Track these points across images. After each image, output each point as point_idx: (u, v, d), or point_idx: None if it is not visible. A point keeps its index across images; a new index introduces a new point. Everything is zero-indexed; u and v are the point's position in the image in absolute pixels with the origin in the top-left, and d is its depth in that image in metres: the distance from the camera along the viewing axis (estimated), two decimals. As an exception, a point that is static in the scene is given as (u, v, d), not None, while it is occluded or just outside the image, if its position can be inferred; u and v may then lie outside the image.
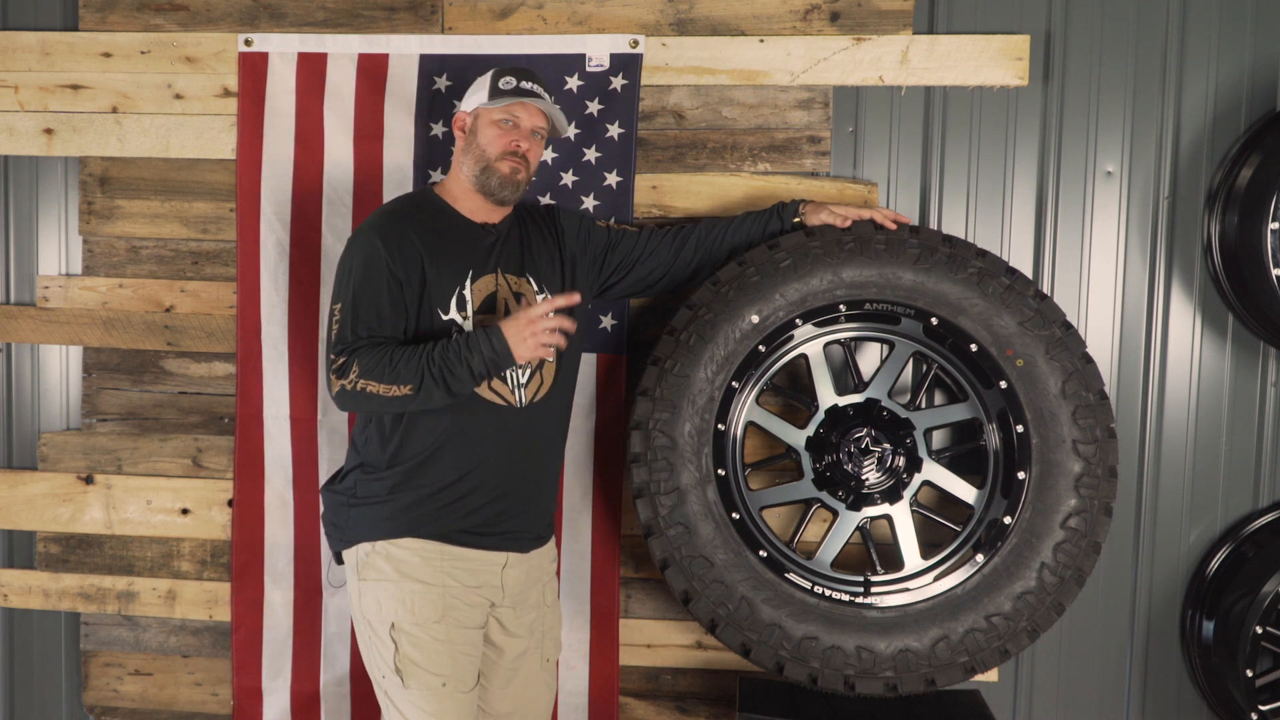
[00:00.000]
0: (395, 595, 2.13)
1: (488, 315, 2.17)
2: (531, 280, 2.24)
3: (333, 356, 2.09)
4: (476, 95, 2.23)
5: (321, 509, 2.31)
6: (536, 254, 2.27)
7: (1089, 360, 2.30)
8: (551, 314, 2.08)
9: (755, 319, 2.33)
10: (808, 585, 2.31)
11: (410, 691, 2.12)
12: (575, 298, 2.11)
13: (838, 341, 2.48)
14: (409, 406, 2.07)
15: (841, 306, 2.35)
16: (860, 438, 2.39)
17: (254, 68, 2.69)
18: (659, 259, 2.39)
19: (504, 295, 2.20)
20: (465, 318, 2.15)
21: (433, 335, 2.12)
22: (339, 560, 2.27)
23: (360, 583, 2.17)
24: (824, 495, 2.42)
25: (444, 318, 2.14)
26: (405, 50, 2.67)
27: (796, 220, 2.38)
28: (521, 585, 2.25)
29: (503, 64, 2.60)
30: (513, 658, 2.29)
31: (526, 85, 2.21)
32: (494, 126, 2.20)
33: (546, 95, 2.24)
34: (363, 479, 2.19)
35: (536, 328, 2.05)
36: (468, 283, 2.17)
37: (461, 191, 2.23)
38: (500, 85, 2.20)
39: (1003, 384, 2.31)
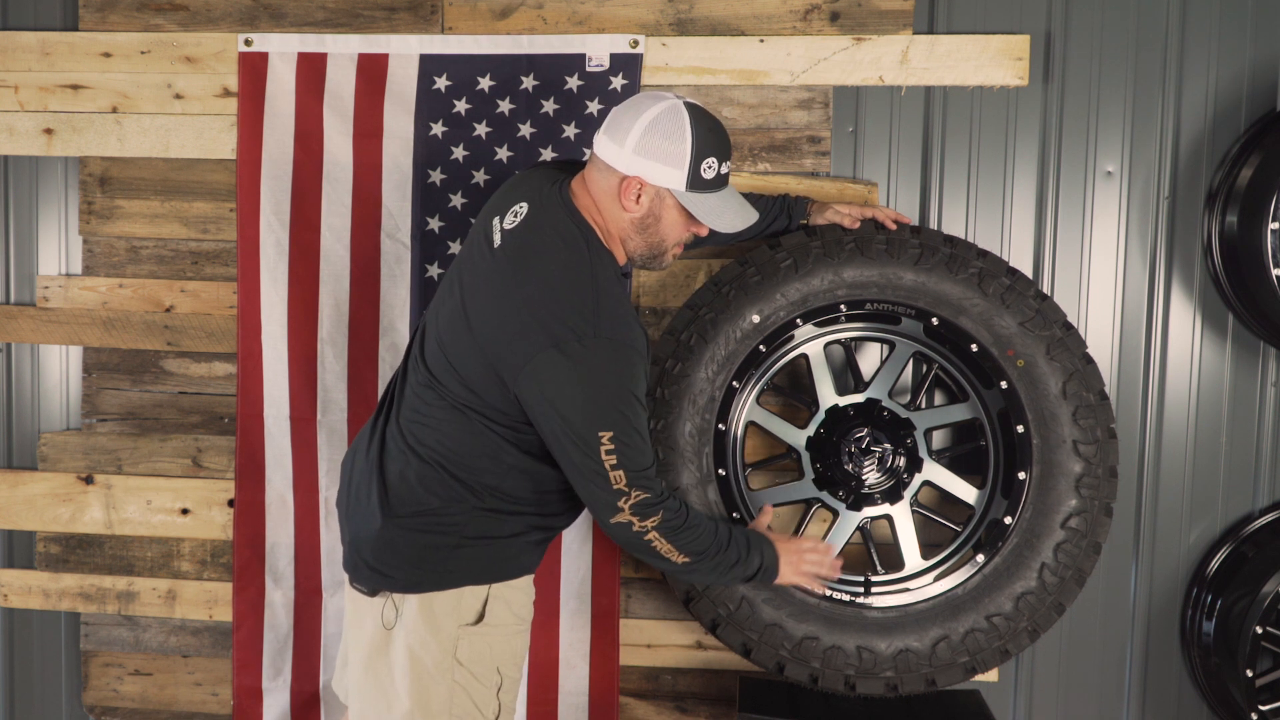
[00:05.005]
0: (504, 638, 2.02)
1: None
2: None
3: (634, 491, 1.86)
4: (668, 170, 1.88)
5: (378, 543, 1.99)
6: None
7: (1089, 360, 2.30)
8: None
9: (756, 319, 2.33)
10: (808, 585, 2.32)
11: None
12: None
13: (838, 341, 2.48)
14: (659, 566, 1.96)
15: (842, 306, 2.35)
16: (861, 438, 2.39)
17: (254, 68, 2.69)
18: None
19: None
20: None
21: None
22: (371, 592, 2.01)
23: (464, 627, 1.98)
24: (824, 495, 2.42)
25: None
26: (405, 50, 2.66)
27: (804, 223, 2.38)
28: None
29: (507, 66, 2.61)
30: None
31: (726, 170, 1.93)
32: (681, 214, 1.93)
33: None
34: (482, 516, 1.97)
35: (824, 570, 2.12)
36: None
37: (617, 246, 1.98)
38: (703, 172, 1.89)
39: (1003, 384, 2.31)
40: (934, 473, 2.43)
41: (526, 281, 1.88)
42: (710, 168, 1.89)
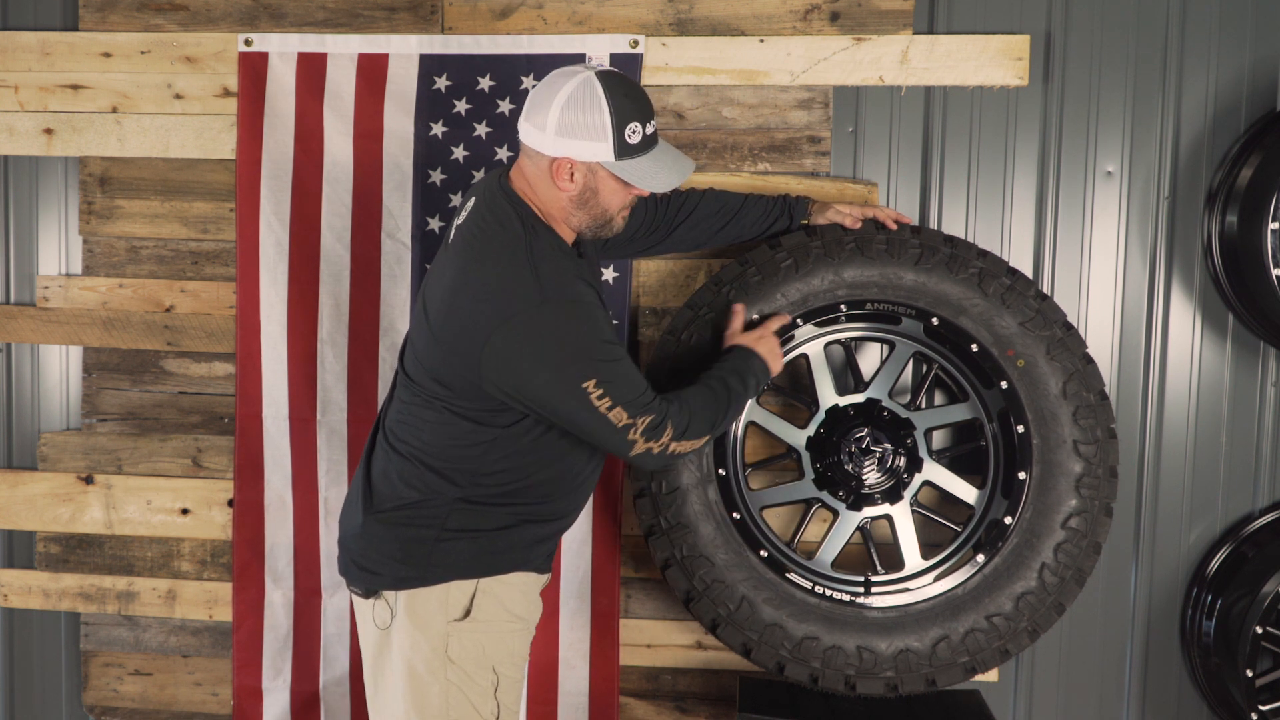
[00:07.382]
0: (497, 635, 2.02)
1: None
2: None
3: (639, 420, 1.89)
4: (594, 144, 1.86)
5: (362, 540, 2.04)
6: (594, 259, 2.11)
7: (1090, 360, 2.30)
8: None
9: (756, 318, 2.34)
10: (808, 585, 2.32)
11: None
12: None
13: (838, 341, 2.48)
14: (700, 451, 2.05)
15: (842, 306, 2.35)
16: (861, 438, 2.39)
17: (254, 68, 2.69)
18: (652, 240, 2.35)
19: None
20: None
21: None
22: (365, 593, 2.03)
23: (453, 623, 1.99)
24: (824, 495, 2.42)
25: None
26: (405, 50, 2.66)
27: (805, 223, 2.38)
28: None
29: (507, 66, 2.61)
30: None
31: (651, 130, 1.91)
32: (617, 182, 1.92)
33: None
34: (462, 509, 1.98)
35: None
36: None
37: (561, 225, 1.98)
38: (628, 139, 1.87)
39: (1003, 384, 2.31)
40: (934, 473, 2.43)
41: (469, 270, 1.90)
42: (635, 132, 1.88)
